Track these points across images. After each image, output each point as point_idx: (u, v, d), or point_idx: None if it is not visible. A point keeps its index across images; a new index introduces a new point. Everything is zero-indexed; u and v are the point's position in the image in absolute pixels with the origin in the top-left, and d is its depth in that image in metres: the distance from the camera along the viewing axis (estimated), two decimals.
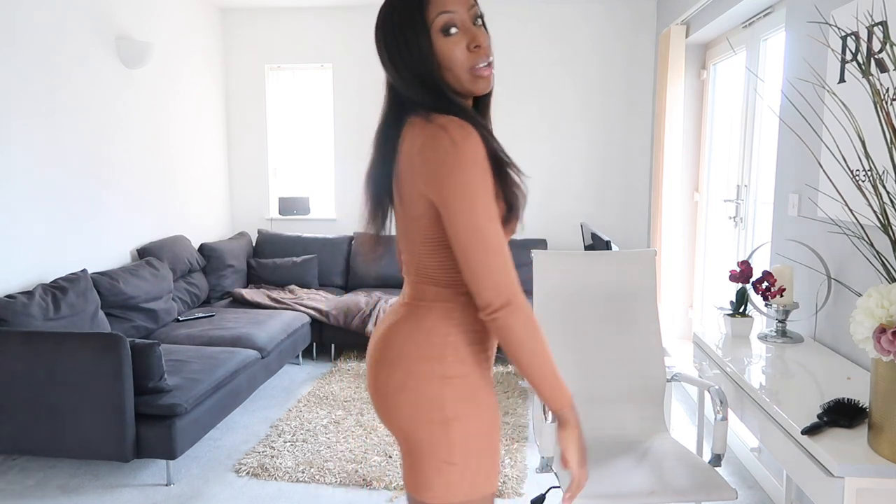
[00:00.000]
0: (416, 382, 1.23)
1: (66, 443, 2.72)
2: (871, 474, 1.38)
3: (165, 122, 4.50)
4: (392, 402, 1.26)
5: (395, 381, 1.25)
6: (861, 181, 1.88)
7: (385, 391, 1.27)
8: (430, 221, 1.20)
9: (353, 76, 5.25)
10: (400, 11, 1.18)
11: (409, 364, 1.24)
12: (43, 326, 2.94)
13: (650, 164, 5.02)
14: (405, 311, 1.28)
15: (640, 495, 1.88)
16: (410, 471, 1.26)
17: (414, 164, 1.16)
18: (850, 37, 2.08)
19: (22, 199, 3.24)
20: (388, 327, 1.30)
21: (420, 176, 1.15)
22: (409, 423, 1.24)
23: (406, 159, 1.18)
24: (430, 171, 1.13)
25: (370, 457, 3.06)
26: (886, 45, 1.81)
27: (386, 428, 1.31)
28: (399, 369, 1.24)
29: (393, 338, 1.27)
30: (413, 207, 1.20)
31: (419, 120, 1.18)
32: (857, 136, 1.59)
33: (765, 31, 3.21)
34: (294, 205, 5.45)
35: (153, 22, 4.33)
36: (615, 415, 2.32)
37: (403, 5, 1.18)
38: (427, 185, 1.15)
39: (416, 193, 1.18)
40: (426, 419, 1.23)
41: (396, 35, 1.19)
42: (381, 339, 1.30)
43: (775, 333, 2.32)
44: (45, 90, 3.37)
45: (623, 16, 4.96)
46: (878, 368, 1.40)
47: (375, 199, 1.31)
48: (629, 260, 2.41)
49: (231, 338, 3.65)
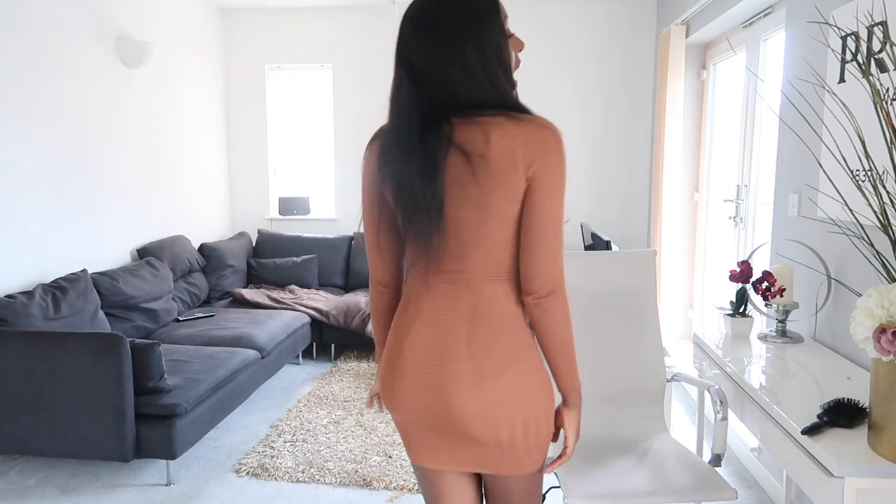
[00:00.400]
0: (539, 375, 1.30)
1: (66, 443, 2.72)
2: (871, 474, 1.38)
3: (165, 122, 4.50)
4: (526, 398, 1.28)
5: (528, 381, 1.28)
6: (861, 181, 1.88)
7: (517, 389, 1.27)
8: (516, 219, 1.23)
9: (353, 76, 5.25)
10: (481, 13, 1.21)
11: (526, 362, 1.28)
12: (43, 326, 2.94)
13: (650, 164, 5.02)
14: (492, 315, 1.27)
15: (640, 495, 1.88)
16: (528, 455, 1.31)
17: (515, 160, 1.18)
18: (850, 37, 2.08)
19: (22, 199, 3.24)
20: (485, 336, 1.26)
21: (524, 171, 1.19)
22: (532, 410, 1.29)
23: (500, 156, 1.18)
24: (541, 165, 1.19)
25: (370, 457, 3.06)
26: (886, 45, 1.81)
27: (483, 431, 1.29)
28: (523, 365, 1.28)
29: (500, 344, 1.27)
30: (504, 208, 1.21)
31: (499, 118, 1.19)
32: (857, 136, 1.59)
33: (765, 31, 3.21)
34: (294, 205, 5.45)
35: (153, 22, 4.33)
36: (615, 415, 2.32)
37: (485, 7, 1.22)
38: (536, 179, 1.19)
39: (512, 191, 1.20)
40: (542, 404, 1.30)
41: (482, 35, 1.20)
42: (484, 351, 1.26)
43: (775, 333, 2.32)
44: (44, 90, 3.37)
45: (623, 16, 4.96)
46: (878, 368, 1.39)
47: (436, 203, 1.22)
48: (629, 260, 2.41)
49: (231, 338, 3.65)
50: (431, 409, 1.29)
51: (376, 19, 5.16)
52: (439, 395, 1.27)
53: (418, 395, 1.30)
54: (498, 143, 1.18)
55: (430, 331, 1.29)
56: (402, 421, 1.36)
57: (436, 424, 1.31)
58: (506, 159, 1.18)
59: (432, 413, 1.29)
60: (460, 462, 1.35)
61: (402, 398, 1.32)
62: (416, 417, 1.32)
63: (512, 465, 1.32)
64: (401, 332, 1.34)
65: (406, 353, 1.31)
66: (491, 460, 1.32)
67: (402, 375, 1.31)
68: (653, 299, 2.39)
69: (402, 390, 1.32)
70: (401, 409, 1.33)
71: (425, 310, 1.30)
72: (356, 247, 5.14)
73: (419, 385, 1.29)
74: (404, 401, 1.32)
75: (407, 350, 1.31)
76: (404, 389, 1.31)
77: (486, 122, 1.19)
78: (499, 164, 1.19)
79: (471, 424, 1.26)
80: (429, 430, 1.33)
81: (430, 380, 1.28)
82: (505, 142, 1.18)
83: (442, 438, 1.33)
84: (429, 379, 1.28)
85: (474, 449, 1.31)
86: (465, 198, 1.22)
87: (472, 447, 1.31)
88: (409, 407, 1.31)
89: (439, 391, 1.27)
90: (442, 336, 1.28)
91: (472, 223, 1.23)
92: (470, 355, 1.26)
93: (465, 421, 1.26)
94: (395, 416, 1.37)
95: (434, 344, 1.28)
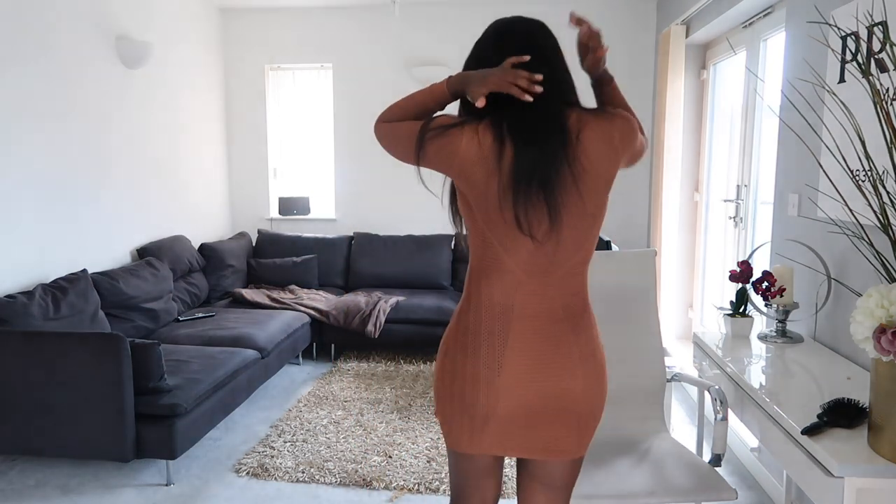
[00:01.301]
0: (605, 361, 1.50)
1: (66, 443, 2.72)
2: (871, 474, 1.38)
3: (165, 122, 4.50)
4: (607, 384, 1.48)
5: (603, 367, 1.48)
6: (861, 181, 1.88)
7: (605, 374, 1.48)
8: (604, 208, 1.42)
9: (353, 76, 5.24)
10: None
11: (601, 344, 1.49)
12: (43, 326, 2.94)
13: (650, 164, 5.02)
14: (584, 305, 1.46)
15: (640, 495, 1.88)
16: (583, 436, 1.47)
17: (616, 150, 1.39)
18: (850, 37, 2.08)
19: (22, 198, 3.23)
20: (582, 324, 1.44)
21: (623, 159, 1.42)
22: (605, 400, 1.48)
23: (602, 147, 1.37)
24: (633, 151, 1.45)
25: (370, 457, 3.06)
26: (886, 45, 1.81)
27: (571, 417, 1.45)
28: (600, 352, 1.48)
29: (593, 332, 1.47)
30: (602, 196, 1.40)
31: (590, 113, 1.40)
32: (857, 136, 1.59)
33: (765, 31, 3.21)
34: (294, 205, 5.45)
35: (153, 22, 4.33)
36: (615, 415, 2.32)
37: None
38: (626, 164, 1.44)
39: (608, 181, 1.39)
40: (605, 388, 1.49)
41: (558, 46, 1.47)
42: (589, 350, 1.44)
43: (775, 333, 2.32)
44: (44, 90, 3.37)
45: (623, 16, 4.96)
46: (878, 368, 1.40)
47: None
48: (629, 260, 2.41)
49: (231, 338, 3.65)
50: (541, 393, 1.40)
51: (376, 19, 5.16)
52: (553, 380, 1.41)
53: (527, 381, 1.40)
54: (591, 134, 1.43)
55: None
56: (491, 416, 1.42)
57: (533, 407, 1.41)
58: (606, 150, 1.43)
59: (540, 397, 1.40)
60: (529, 449, 1.46)
61: (508, 389, 1.40)
62: (517, 403, 1.40)
63: (578, 447, 1.47)
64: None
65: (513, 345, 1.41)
66: (565, 444, 1.46)
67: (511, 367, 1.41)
68: (653, 299, 2.39)
69: (508, 381, 1.40)
70: (504, 399, 1.40)
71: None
72: (356, 247, 5.14)
73: (529, 372, 1.40)
74: (510, 391, 1.40)
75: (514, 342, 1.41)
76: (511, 379, 1.40)
77: (577, 115, 1.46)
78: (597, 157, 1.42)
79: (574, 401, 1.42)
80: (517, 419, 1.42)
81: (541, 367, 1.41)
82: (600, 133, 1.43)
83: (527, 423, 1.42)
84: (540, 366, 1.41)
85: (559, 431, 1.44)
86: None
87: (559, 429, 1.44)
88: (514, 394, 1.40)
89: (552, 376, 1.41)
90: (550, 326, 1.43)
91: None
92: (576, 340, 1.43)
93: (569, 398, 1.41)
94: (479, 414, 1.43)
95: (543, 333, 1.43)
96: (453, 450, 1.52)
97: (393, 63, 5.19)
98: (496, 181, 1.32)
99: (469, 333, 1.42)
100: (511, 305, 1.38)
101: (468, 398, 1.41)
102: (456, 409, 1.45)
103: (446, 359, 1.47)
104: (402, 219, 5.29)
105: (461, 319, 1.45)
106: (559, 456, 1.47)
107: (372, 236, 5.15)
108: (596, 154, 1.36)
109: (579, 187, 1.34)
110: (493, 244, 1.37)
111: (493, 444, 1.45)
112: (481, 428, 1.42)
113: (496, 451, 1.47)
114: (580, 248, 1.40)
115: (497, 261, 1.38)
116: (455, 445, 1.49)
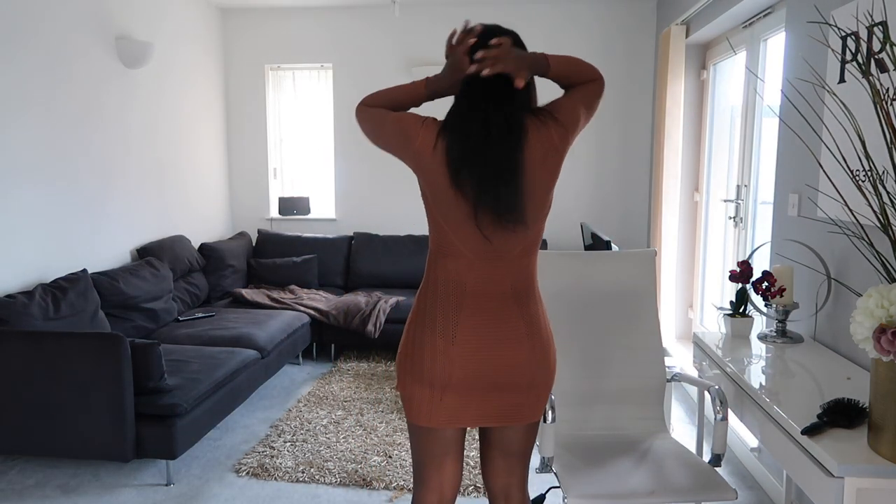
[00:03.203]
0: (552, 339, 1.64)
1: (66, 443, 2.72)
2: (871, 474, 1.38)
3: (165, 122, 4.50)
4: (554, 361, 1.63)
5: (553, 343, 1.62)
6: (861, 181, 1.88)
7: (552, 350, 1.62)
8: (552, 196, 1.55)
9: (353, 76, 5.25)
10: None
11: (548, 323, 1.64)
12: (43, 326, 2.94)
13: (650, 164, 5.02)
14: (530, 285, 1.58)
15: (640, 495, 1.88)
16: (533, 402, 1.61)
17: (556, 149, 1.50)
18: (850, 37, 2.08)
19: (22, 198, 3.23)
20: (529, 302, 1.57)
21: (572, 138, 1.53)
22: (552, 376, 1.63)
23: (542, 147, 1.48)
24: (584, 115, 1.55)
25: (370, 457, 3.06)
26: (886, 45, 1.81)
27: (528, 385, 1.59)
28: (546, 327, 1.61)
29: (539, 309, 1.60)
30: (543, 189, 1.51)
31: (536, 118, 1.50)
32: (857, 136, 1.59)
33: (765, 31, 3.21)
34: (294, 205, 5.45)
35: (153, 22, 4.33)
36: (615, 415, 2.32)
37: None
38: (585, 121, 1.56)
39: (551, 174, 1.51)
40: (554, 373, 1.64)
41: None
42: (535, 326, 1.58)
43: (775, 333, 2.32)
44: (44, 90, 3.37)
45: (623, 16, 4.96)
46: (878, 368, 1.40)
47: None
48: (629, 260, 2.41)
49: (231, 338, 3.65)
50: (491, 363, 1.54)
51: (376, 19, 5.16)
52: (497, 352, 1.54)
53: (478, 352, 1.53)
54: (548, 134, 1.54)
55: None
56: (447, 385, 1.54)
57: (484, 377, 1.54)
58: (550, 147, 1.55)
59: (491, 367, 1.54)
60: (485, 416, 1.59)
61: (461, 357, 1.53)
62: (471, 373, 1.53)
63: (532, 413, 1.62)
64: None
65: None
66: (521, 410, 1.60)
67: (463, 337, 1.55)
68: (653, 299, 2.39)
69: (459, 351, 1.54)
70: (458, 368, 1.53)
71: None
72: (356, 247, 5.14)
73: (480, 345, 1.54)
74: (464, 361, 1.53)
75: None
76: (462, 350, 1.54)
77: (538, 118, 1.57)
78: (550, 150, 1.55)
79: (521, 373, 1.55)
80: (470, 388, 1.55)
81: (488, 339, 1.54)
82: (549, 134, 1.54)
83: (480, 392, 1.56)
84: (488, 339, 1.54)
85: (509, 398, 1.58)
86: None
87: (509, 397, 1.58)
88: (468, 364, 1.53)
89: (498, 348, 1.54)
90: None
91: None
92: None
93: (516, 370, 1.55)
94: (436, 383, 1.55)
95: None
96: (414, 423, 1.63)
97: (393, 63, 5.19)
98: (445, 174, 1.46)
99: (427, 310, 1.56)
100: (464, 284, 1.53)
101: (426, 367, 1.54)
102: (416, 380, 1.57)
103: (407, 335, 1.61)
104: (402, 219, 5.29)
105: (420, 298, 1.60)
106: (514, 421, 1.61)
107: (372, 236, 5.15)
108: (537, 151, 1.47)
109: (522, 181, 1.46)
110: (446, 231, 1.51)
111: (451, 416, 1.57)
112: (440, 398, 1.55)
113: (454, 422, 1.59)
114: (525, 238, 1.53)
115: (451, 245, 1.52)
116: (416, 418, 1.61)
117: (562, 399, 2.30)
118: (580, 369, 2.35)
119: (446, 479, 1.67)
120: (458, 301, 1.53)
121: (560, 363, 2.35)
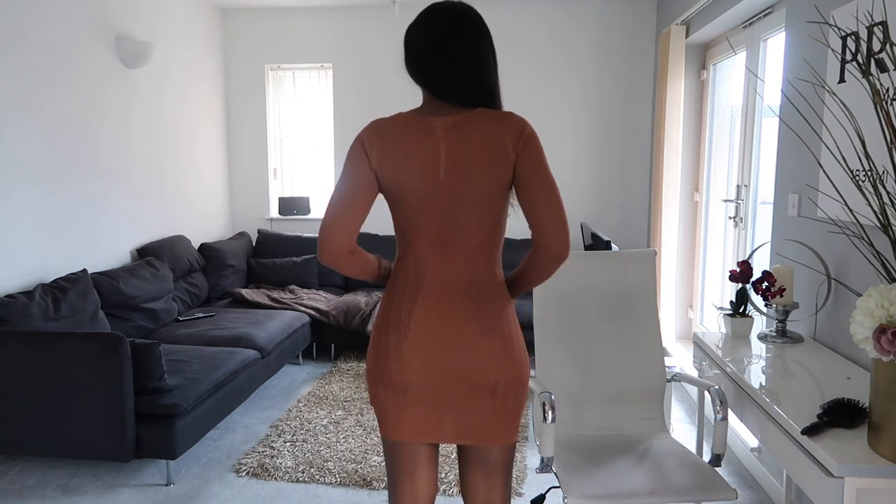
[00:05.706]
0: (519, 337, 1.58)
1: (66, 443, 2.72)
2: (871, 474, 1.38)
3: (165, 122, 4.50)
4: (521, 359, 1.55)
5: (518, 340, 1.56)
6: (861, 181, 1.88)
7: (515, 348, 1.54)
8: (507, 195, 1.49)
9: (353, 76, 5.24)
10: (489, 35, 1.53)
11: (514, 322, 1.58)
12: (43, 326, 2.94)
13: (650, 164, 5.02)
14: (491, 282, 1.53)
15: (640, 495, 1.88)
16: (512, 420, 1.55)
17: (506, 151, 1.43)
18: (850, 37, 2.08)
19: (22, 198, 3.23)
20: (487, 301, 1.52)
21: (516, 153, 1.44)
22: (523, 376, 1.55)
23: (495, 142, 1.43)
24: (532, 147, 1.44)
25: (370, 457, 3.06)
26: (886, 45, 1.81)
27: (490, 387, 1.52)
28: (508, 325, 1.55)
29: (501, 308, 1.53)
30: (490, 183, 1.44)
31: (493, 112, 1.47)
32: (857, 136, 1.59)
33: (765, 31, 3.21)
34: (294, 205, 5.45)
35: (153, 22, 4.33)
36: (615, 415, 2.33)
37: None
38: (528, 160, 1.43)
39: (508, 171, 1.44)
40: (526, 373, 1.57)
41: (493, 52, 1.52)
42: (494, 325, 1.52)
43: (775, 333, 2.32)
44: (44, 90, 3.37)
45: (623, 16, 4.96)
46: (878, 368, 1.40)
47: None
48: (629, 260, 2.41)
49: (231, 338, 3.65)
50: (446, 363, 1.50)
51: (376, 19, 5.16)
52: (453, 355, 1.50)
53: (431, 350, 1.49)
54: (491, 132, 1.49)
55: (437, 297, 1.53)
56: (406, 388, 1.52)
57: (444, 383, 1.50)
58: (498, 144, 1.48)
59: (447, 367, 1.50)
60: (457, 434, 1.55)
61: (415, 355, 1.50)
62: (427, 373, 1.50)
63: (503, 434, 1.56)
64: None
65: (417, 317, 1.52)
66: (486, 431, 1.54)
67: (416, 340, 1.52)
68: (653, 299, 2.39)
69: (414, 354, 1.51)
70: (414, 367, 1.50)
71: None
72: None
73: (433, 343, 1.50)
74: (419, 360, 1.50)
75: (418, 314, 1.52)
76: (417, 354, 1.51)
77: (483, 114, 1.51)
78: (494, 148, 1.49)
79: (477, 374, 1.50)
80: (433, 395, 1.51)
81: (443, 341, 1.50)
82: (497, 131, 1.48)
83: (444, 401, 1.52)
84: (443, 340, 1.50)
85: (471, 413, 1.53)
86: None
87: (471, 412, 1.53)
88: (423, 364, 1.50)
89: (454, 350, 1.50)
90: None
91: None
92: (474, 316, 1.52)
93: (471, 371, 1.49)
94: (395, 385, 1.53)
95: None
96: (383, 436, 1.61)
97: (393, 63, 5.19)
98: (398, 171, 1.47)
99: (388, 309, 1.55)
100: (421, 281, 1.52)
101: (385, 369, 1.53)
102: (378, 382, 1.55)
103: (372, 340, 1.59)
104: None
105: (383, 300, 1.58)
106: (488, 443, 1.56)
107: (371, 236, 5.15)
108: (483, 148, 1.44)
109: (467, 175, 1.44)
110: (405, 228, 1.52)
111: (418, 428, 1.55)
112: (403, 403, 1.53)
113: (423, 436, 1.55)
114: (478, 231, 1.50)
115: (410, 244, 1.52)
116: (384, 429, 1.59)
117: (562, 399, 2.31)
118: (580, 369, 2.35)
119: (420, 490, 1.65)
120: (413, 295, 1.51)
121: (560, 363, 2.35)
